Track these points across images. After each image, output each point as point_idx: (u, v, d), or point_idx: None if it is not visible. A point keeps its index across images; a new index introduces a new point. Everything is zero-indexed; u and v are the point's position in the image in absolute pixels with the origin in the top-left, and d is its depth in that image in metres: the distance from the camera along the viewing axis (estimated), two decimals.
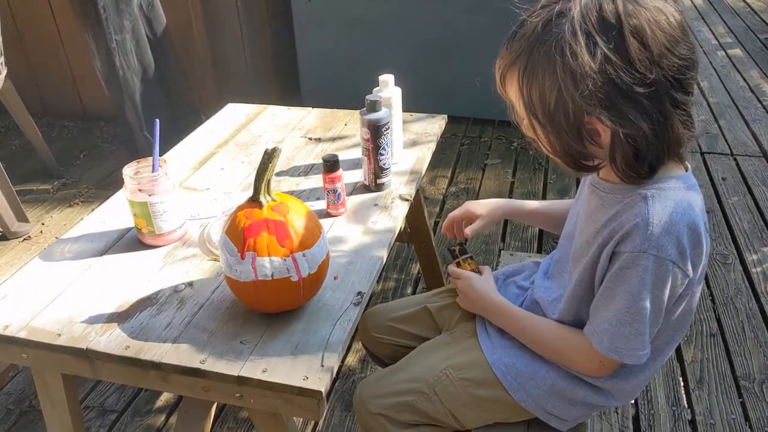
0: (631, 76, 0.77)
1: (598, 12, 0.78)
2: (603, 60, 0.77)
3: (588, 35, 0.77)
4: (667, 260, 0.85)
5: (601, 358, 0.95)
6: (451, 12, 3.08)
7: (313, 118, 1.77)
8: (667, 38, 0.79)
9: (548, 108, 0.82)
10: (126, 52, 2.84)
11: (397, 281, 2.24)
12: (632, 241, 0.86)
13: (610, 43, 0.77)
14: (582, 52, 0.77)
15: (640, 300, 0.88)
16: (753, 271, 2.25)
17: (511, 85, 0.88)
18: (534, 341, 1.06)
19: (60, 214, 2.76)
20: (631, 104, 0.79)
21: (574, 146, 0.84)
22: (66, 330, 1.02)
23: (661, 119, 0.81)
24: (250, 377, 0.91)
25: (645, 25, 0.78)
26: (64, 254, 1.21)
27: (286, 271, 0.95)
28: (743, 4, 5.48)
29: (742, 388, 1.78)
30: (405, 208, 1.33)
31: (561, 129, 0.83)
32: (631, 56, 0.77)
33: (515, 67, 0.85)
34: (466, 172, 2.99)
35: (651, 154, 0.83)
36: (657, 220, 0.85)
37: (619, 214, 0.90)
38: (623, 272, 0.88)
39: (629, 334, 0.90)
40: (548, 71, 0.80)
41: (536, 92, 0.82)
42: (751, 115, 3.48)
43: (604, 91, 0.78)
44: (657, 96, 0.79)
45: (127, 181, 1.17)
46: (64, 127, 3.61)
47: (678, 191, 0.88)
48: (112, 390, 1.82)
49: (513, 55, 0.85)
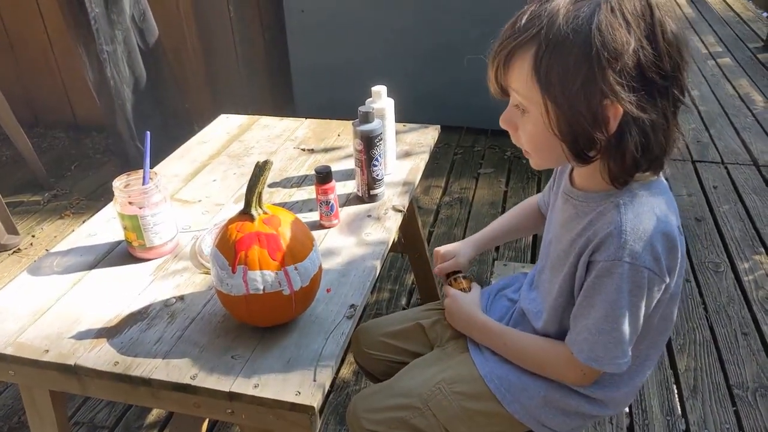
0: (655, 67, 0.78)
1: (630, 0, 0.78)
2: (637, 45, 0.77)
3: (625, 20, 0.77)
4: (642, 267, 0.85)
5: (582, 367, 0.95)
6: (445, 23, 3.10)
7: (306, 129, 1.76)
8: (679, 37, 0.81)
9: (570, 86, 0.79)
10: (117, 63, 2.84)
11: (392, 292, 2.24)
12: (606, 250, 0.86)
13: (644, 30, 0.78)
14: (620, 30, 0.76)
15: (618, 308, 0.88)
16: (745, 279, 2.25)
17: (521, 65, 0.82)
18: (517, 356, 1.06)
19: (50, 226, 2.74)
20: (648, 94, 0.79)
21: (585, 129, 0.81)
22: (54, 346, 1.00)
23: (668, 114, 0.82)
24: (242, 393, 0.90)
25: (669, 21, 0.79)
26: (53, 268, 1.19)
27: (278, 284, 0.94)
28: (733, 14, 5.54)
29: (736, 396, 1.78)
30: (398, 219, 1.33)
31: (577, 110, 0.80)
32: (660, 48, 0.78)
33: (533, 43, 0.80)
34: (459, 181, 2.99)
35: (657, 148, 0.83)
36: (630, 228, 0.85)
37: (593, 223, 0.90)
38: (600, 281, 0.88)
39: (608, 343, 0.91)
40: (578, 46, 0.77)
41: (560, 68, 0.78)
42: (741, 124, 3.51)
43: (631, 76, 0.78)
44: (667, 92, 0.81)
45: (117, 193, 1.16)
46: (55, 138, 3.59)
47: (650, 197, 0.88)
48: (102, 406, 1.79)
49: (531, 30, 0.80)
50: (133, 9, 2.91)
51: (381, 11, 3.15)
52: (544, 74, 0.80)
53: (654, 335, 0.99)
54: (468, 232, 2.57)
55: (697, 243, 2.47)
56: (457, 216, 2.70)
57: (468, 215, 2.70)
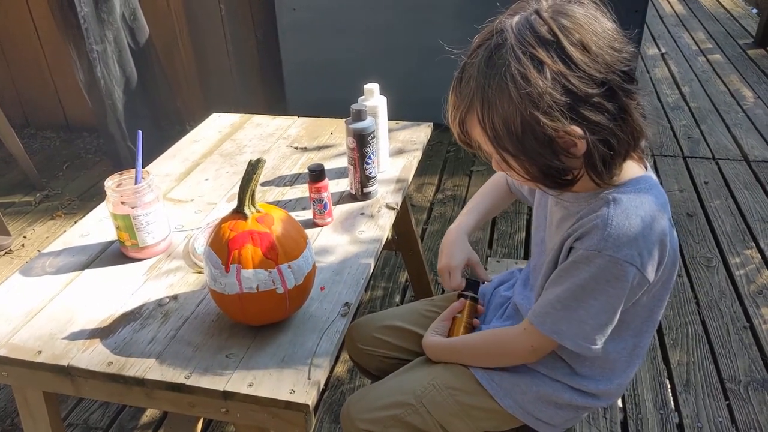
0: (583, 81, 0.80)
1: (533, 33, 0.81)
2: (552, 74, 0.79)
3: (531, 56, 0.80)
4: (622, 261, 0.86)
5: (533, 341, 0.98)
6: (437, 20, 3.10)
7: (299, 128, 1.76)
8: (604, 37, 0.82)
9: (516, 136, 0.83)
10: (107, 62, 2.83)
11: (385, 289, 2.24)
12: (589, 240, 0.88)
13: (554, 56, 0.80)
14: (531, 73, 0.79)
15: (589, 291, 0.89)
16: (736, 274, 2.27)
17: (473, 128, 0.88)
18: (484, 354, 1.08)
19: (42, 227, 2.72)
20: (591, 107, 0.81)
21: (551, 164, 0.85)
22: (47, 347, 1.00)
23: (621, 114, 0.83)
24: (236, 392, 0.90)
25: (580, 31, 0.81)
26: (45, 269, 1.19)
27: (272, 283, 0.94)
28: (723, 10, 5.57)
29: (728, 390, 1.79)
30: (392, 216, 1.33)
31: (534, 152, 0.84)
32: (576, 62, 0.80)
33: (472, 109, 0.86)
34: (452, 179, 3.00)
35: (623, 148, 0.85)
36: (616, 222, 0.86)
37: (582, 217, 0.92)
38: (575, 265, 0.90)
39: (572, 320, 0.92)
40: (505, 101, 0.81)
41: (500, 125, 0.83)
42: (731, 120, 3.53)
43: (563, 102, 0.80)
44: (612, 92, 0.82)
45: (110, 193, 1.15)
46: (46, 138, 3.57)
47: (639, 193, 0.89)
48: (96, 406, 1.79)
49: (466, 99, 0.86)
50: (123, 8, 2.89)
51: (373, 9, 3.15)
52: (492, 133, 0.85)
53: (642, 326, 1.00)
54: None
55: (688, 238, 2.49)
56: (450, 213, 2.71)
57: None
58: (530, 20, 0.82)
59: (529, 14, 0.82)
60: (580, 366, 1.03)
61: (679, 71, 4.25)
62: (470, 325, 1.15)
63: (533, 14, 0.82)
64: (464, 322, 1.15)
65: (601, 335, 0.92)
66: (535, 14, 0.82)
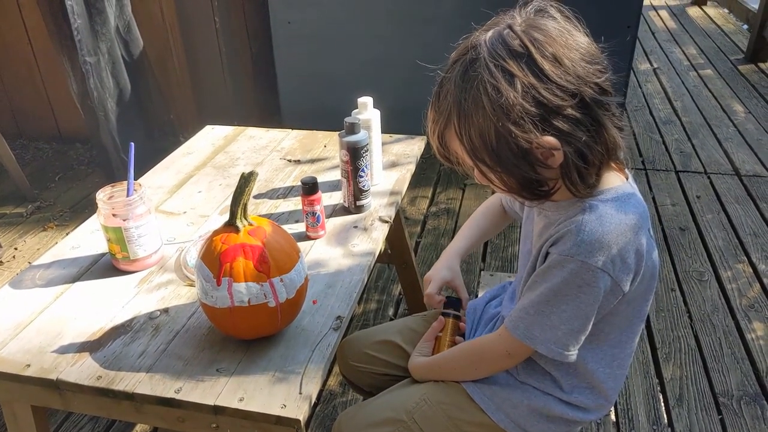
0: (554, 93, 0.81)
1: (505, 47, 0.82)
2: (523, 86, 0.81)
3: (503, 69, 0.81)
4: (594, 267, 0.87)
5: (508, 347, 0.98)
6: (430, 34, 3.12)
7: (292, 140, 1.76)
8: (576, 50, 0.83)
9: (492, 148, 0.84)
10: (101, 74, 2.83)
11: (379, 302, 2.23)
12: (563, 245, 0.89)
13: (524, 69, 0.81)
14: (502, 85, 0.81)
15: (561, 296, 0.90)
16: (728, 288, 2.28)
17: (452, 141, 0.89)
18: (458, 368, 1.08)
19: (34, 239, 2.70)
20: (564, 118, 0.82)
21: (527, 176, 0.86)
22: (35, 360, 0.99)
23: (594, 125, 0.84)
24: (227, 406, 0.89)
25: (552, 44, 0.82)
26: (35, 281, 1.18)
27: (263, 296, 0.94)
28: (714, 26, 5.63)
29: (721, 405, 1.79)
30: (385, 229, 1.33)
31: (510, 164, 0.85)
32: (548, 74, 0.81)
33: (450, 123, 0.87)
34: (446, 192, 3.00)
35: (597, 159, 0.86)
36: (589, 228, 0.87)
37: (559, 223, 0.92)
38: (549, 270, 0.91)
39: (545, 325, 0.92)
40: (480, 114, 0.83)
41: (476, 138, 0.85)
42: (723, 134, 3.56)
43: (534, 113, 0.81)
44: (585, 104, 0.83)
45: (101, 205, 1.15)
46: (38, 149, 3.56)
47: (617, 202, 0.90)
48: (85, 421, 1.77)
49: (444, 113, 0.88)
50: (117, 20, 2.90)
51: (367, 23, 3.17)
52: (469, 145, 0.86)
53: (621, 337, 1.00)
54: None
55: (681, 252, 2.50)
56: (444, 226, 2.71)
57: (455, 225, 2.71)
58: (503, 34, 0.83)
59: (503, 29, 0.84)
60: (562, 376, 1.03)
61: (671, 86, 4.29)
62: (453, 342, 1.14)
63: (506, 29, 0.84)
64: (447, 340, 1.14)
65: (574, 341, 0.93)
66: (508, 29, 0.84)
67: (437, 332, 1.16)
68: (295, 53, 3.30)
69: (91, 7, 2.74)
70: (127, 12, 2.95)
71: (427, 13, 3.09)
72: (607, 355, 1.01)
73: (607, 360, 1.01)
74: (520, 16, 0.86)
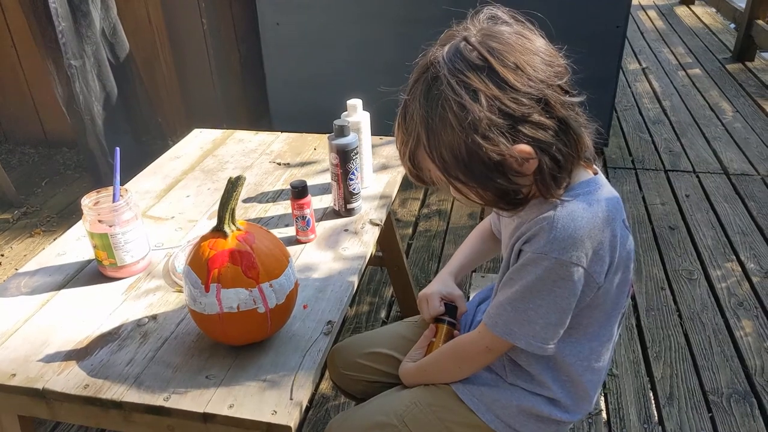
0: (518, 102, 0.81)
1: (464, 61, 0.82)
2: (487, 99, 0.80)
3: (465, 85, 0.81)
4: (568, 263, 0.87)
5: (487, 342, 0.99)
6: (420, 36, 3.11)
7: (282, 143, 1.75)
8: (535, 54, 0.83)
9: (464, 164, 0.84)
10: (86, 78, 2.80)
11: (371, 305, 2.22)
12: (536, 242, 0.89)
13: (487, 82, 0.81)
14: (466, 101, 0.80)
15: (537, 292, 0.90)
16: (718, 287, 2.29)
17: (424, 161, 0.89)
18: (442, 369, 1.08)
19: (20, 245, 2.67)
20: (532, 124, 0.82)
21: (502, 186, 0.86)
22: (21, 369, 0.97)
23: (562, 126, 0.84)
24: (216, 413, 0.88)
25: (511, 51, 0.82)
26: (20, 289, 1.16)
27: (253, 302, 0.93)
28: (702, 26, 5.68)
29: (711, 403, 1.80)
30: (376, 233, 1.32)
31: (484, 177, 0.85)
32: (511, 84, 0.81)
33: (420, 143, 0.87)
34: (437, 194, 3.00)
35: (568, 161, 0.86)
36: (561, 225, 0.87)
37: (531, 220, 0.92)
38: (524, 267, 0.91)
39: (523, 321, 0.93)
40: (449, 131, 0.83)
41: (448, 155, 0.84)
42: (711, 134, 3.58)
43: (502, 124, 0.81)
44: (550, 106, 0.83)
45: (86, 211, 1.13)
46: (24, 154, 3.52)
47: (587, 195, 0.90)
48: (74, 430, 1.74)
49: (413, 134, 0.87)
50: (103, 23, 2.88)
51: (357, 25, 3.16)
52: (441, 164, 0.86)
53: (600, 331, 1.00)
54: (446, 244, 2.57)
55: (670, 251, 2.51)
56: (435, 228, 2.70)
57: (446, 227, 2.71)
58: (460, 48, 0.83)
59: (459, 42, 0.84)
60: (542, 371, 1.02)
61: (659, 86, 4.32)
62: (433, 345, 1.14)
63: (462, 41, 0.83)
64: (439, 346, 1.13)
65: (552, 335, 0.93)
66: (464, 41, 0.83)
67: (430, 339, 1.16)
68: (284, 55, 3.29)
69: (76, 9, 2.71)
70: (112, 15, 2.92)
71: (417, 15, 3.09)
72: (584, 349, 1.01)
73: (585, 353, 1.02)
74: (473, 26, 0.85)
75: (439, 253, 2.52)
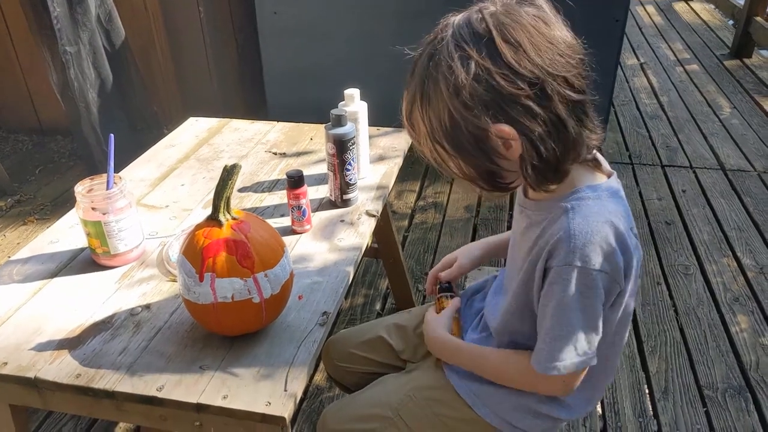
0: (508, 79, 0.78)
1: (469, 28, 0.81)
2: (477, 69, 0.78)
3: (461, 50, 0.79)
4: (591, 270, 0.85)
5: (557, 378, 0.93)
6: (418, 26, 3.10)
7: (278, 133, 1.74)
8: (550, 42, 0.80)
9: (447, 130, 0.83)
10: (81, 64, 2.77)
11: (366, 297, 2.21)
12: (558, 256, 0.87)
13: (482, 52, 0.79)
14: (456, 65, 0.79)
15: (569, 311, 0.88)
16: (714, 282, 2.29)
17: (418, 123, 0.88)
18: (495, 376, 1.04)
19: (14, 233, 2.65)
20: (518, 107, 0.80)
21: (482, 164, 0.85)
22: (12, 358, 0.96)
23: (553, 118, 0.81)
24: (210, 404, 0.87)
25: (518, 29, 0.79)
26: (12, 276, 1.15)
27: (247, 292, 0.92)
28: (700, 21, 5.66)
29: (706, 397, 1.80)
30: (372, 224, 1.31)
31: (466, 151, 0.84)
32: (507, 61, 0.78)
33: (415, 104, 0.86)
34: (434, 185, 2.99)
35: (551, 155, 0.83)
36: (578, 232, 0.85)
37: (546, 230, 0.90)
38: (551, 288, 0.89)
39: (564, 347, 0.90)
40: (438, 94, 0.82)
41: (435, 118, 0.83)
42: (708, 129, 3.58)
43: (487, 98, 0.79)
44: (545, 95, 0.80)
45: (80, 199, 1.12)
46: (18, 142, 3.49)
47: (597, 200, 0.88)
48: (66, 419, 1.73)
49: (411, 94, 0.86)
50: (98, 9, 2.84)
51: (354, 14, 3.14)
52: (428, 125, 0.85)
53: (614, 339, 0.99)
54: (442, 237, 2.57)
55: (667, 246, 2.51)
56: (431, 220, 2.70)
57: (443, 219, 2.70)
58: (471, 17, 0.82)
59: (474, 11, 0.82)
60: None
61: (657, 81, 4.31)
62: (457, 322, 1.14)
63: (477, 12, 0.82)
64: (459, 321, 1.13)
65: (591, 344, 0.91)
66: (479, 11, 0.82)
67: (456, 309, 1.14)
68: (282, 44, 3.27)
69: None
70: (108, 1, 2.89)
71: (416, 7, 3.07)
72: (601, 356, 1.00)
73: (601, 359, 1.00)
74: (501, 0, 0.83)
75: (435, 245, 2.51)
